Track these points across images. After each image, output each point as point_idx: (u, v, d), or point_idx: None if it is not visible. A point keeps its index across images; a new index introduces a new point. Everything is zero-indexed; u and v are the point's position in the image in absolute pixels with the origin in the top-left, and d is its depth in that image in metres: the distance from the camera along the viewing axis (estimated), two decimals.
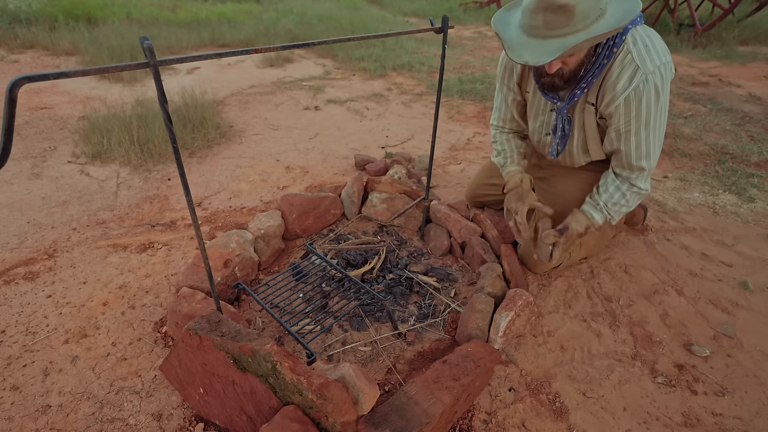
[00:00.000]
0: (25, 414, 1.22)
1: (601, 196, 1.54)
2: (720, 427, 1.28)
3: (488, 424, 1.25)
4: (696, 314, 1.68)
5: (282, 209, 1.89)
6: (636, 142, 1.41)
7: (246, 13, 7.59)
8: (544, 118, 1.63)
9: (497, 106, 1.76)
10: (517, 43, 1.21)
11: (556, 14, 1.13)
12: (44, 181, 2.38)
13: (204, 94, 3.39)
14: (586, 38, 1.13)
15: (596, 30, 1.14)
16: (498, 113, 1.77)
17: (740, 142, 3.25)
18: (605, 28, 1.14)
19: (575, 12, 1.12)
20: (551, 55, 1.14)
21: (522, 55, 1.19)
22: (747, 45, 6.73)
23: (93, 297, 1.63)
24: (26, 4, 5.90)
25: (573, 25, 1.14)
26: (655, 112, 1.34)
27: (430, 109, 3.78)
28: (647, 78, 1.29)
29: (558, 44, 1.15)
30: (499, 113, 1.76)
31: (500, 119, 1.77)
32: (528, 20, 1.18)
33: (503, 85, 1.68)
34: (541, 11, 1.14)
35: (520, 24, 1.23)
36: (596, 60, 1.33)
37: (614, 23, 1.14)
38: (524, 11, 1.19)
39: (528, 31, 1.20)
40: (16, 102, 0.71)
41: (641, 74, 1.29)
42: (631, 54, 1.30)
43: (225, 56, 0.98)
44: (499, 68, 1.67)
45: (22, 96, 3.57)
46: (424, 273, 1.77)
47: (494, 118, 1.80)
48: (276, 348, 1.07)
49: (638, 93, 1.31)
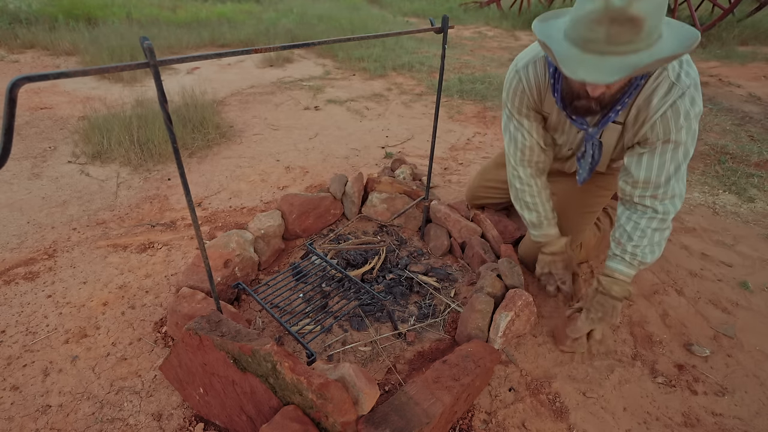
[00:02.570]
0: (25, 414, 1.22)
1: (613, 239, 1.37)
2: (720, 427, 1.28)
3: (488, 424, 1.25)
4: (696, 314, 1.68)
5: (282, 209, 1.88)
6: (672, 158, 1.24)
7: (246, 13, 7.59)
8: (567, 138, 1.49)
9: (519, 147, 1.50)
10: (569, 58, 1.05)
11: (622, 27, 0.97)
12: (44, 181, 2.38)
13: (204, 94, 3.39)
14: (653, 60, 0.99)
15: (659, 51, 1.01)
16: (521, 153, 1.51)
17: (740, 142, 3.25)
18: (668, 50, 1.00)
19: (643, 27, 0.97)
20: (615, 75, 0.99)
21: (577, 71, 1.02)
22: (747, 45, 6.73)
23: (93, 297, 1.63)
24: (26, 4, 5.90)
25: (636, 42, 0.99)
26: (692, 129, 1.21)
27: (430, 109, 3.78)
28: (684, 93, 1.17)
29: (619, 63, 1.00)
30: (523, 153, 1.50)
31: (528, 161, 1.52)
32: (584, 32, 1.02)
33: (519, 114, 1.45)
34: (606, 22, 0.98)
35: (570, 36, 1.06)
36: (634, 80, 1.19)
37: (678, 46, 1.00)
38: (579, 21, 1.03)
39: (581, 45, 1.04)
40: (16, 102, 0.71)
41: (678, 90, 1.17)
42: (666, 70, 1.18)
43: (225, 56, 0.98)
44: (509, 95, 1.44)
45: (22, 96, 3.57)
46: (424, 273, 1.77)
47: (509, 157, 1.55)
48: (276, 348, 1.07)
49: (675, 108, 1.18)
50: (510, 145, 1.53)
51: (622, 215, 1.35)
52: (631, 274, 1.34)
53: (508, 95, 1.44)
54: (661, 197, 1.27)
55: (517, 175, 1.56)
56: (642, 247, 1.30)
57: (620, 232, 1.34)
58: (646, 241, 1.30)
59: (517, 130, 1.49)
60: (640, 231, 1.30)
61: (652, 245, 1.30)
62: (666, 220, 1.29)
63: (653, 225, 1.29)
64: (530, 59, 1.35)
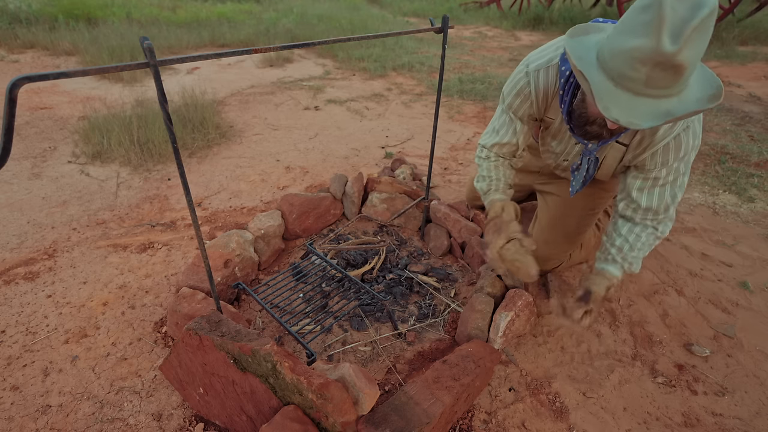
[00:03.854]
0: (25, 414, 1.22)
1: (613, 246, 1.38)
2: (720, 427, 1.28)
3: (488, 424, 1.25)
4: (696, 314, 1.68)
5: (282, 209, 1.88)
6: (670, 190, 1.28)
7: (246, 13, 7.60)
8: (564, 148, 1.49)
9: (496, 129, 1.50)
10: (603, 92, 0.99)
11: (665, 72, 0.91)
12: (44, 181, 2.38)
13: (204, 94, 3.39)
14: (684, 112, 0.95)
15: (687, 99, 0.96)
16: (495, 136, 1.50)
17: (740, 142, 3.25)
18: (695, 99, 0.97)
19: (684, 75, 0.92)
20: (649, 121, 0.95)
21: (611, 110, 0.96)
22: (747, 45, 6.73)
23: (93, 297, 1.63)
24: (26, 4, 5.90)
25: (671, 88, 0.95)
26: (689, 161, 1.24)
27: (430, 109, 3.78)
28: (689, 127, 1.17)
29: (653, 107, 0.96)
30: (498, 137, 1.50)
31: (497, 144, 1.51)
32: (623, 68, 0.95)
33: (514, 114, 1.44)
34: (650, 64, 0.91)
35: (604, 66, 1.00)
36: None
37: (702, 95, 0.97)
38: (620, 55, 0.96)
39: (615, 78, 0.97)
40: (16, 102, 0.71)
41: (684, 122, 1.17)
42: None
43: (225, 56, 0.98)
44: (511, 93, 1.40)
45: (22, 96, 3.57)
46: (424, 273, 1.77)
47: (488, 139, 1.52)
48: (276, 348, 1.07)
49: (678, 140, 1.19)
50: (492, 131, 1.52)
51: (623, 227, 1.38)
52: (620, 277, 1.40)
53: (510, 92, 1.41)
54: (661, 220, 1.34)
55: (482, 165, 1.56)
56: (638, 258, 1.36)
57: (621, 242, 1.36)
58: (641, 253, 1.36)
59: (505, 117, 1.48)
60: (641, 243, 1.35)
61: (642, 257, 1.37)
62: (660, 238, 1.36)
63: (651, 240, 1.35)
64: (543, 64, 1.30)
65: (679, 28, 0.88)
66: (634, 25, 0.94)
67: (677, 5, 0.89)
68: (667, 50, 0.89)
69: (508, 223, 1.41)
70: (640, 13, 0.94)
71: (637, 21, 0.94)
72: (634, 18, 0.95)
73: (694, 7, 0.89)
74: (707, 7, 0.88)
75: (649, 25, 0.91)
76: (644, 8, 0.93)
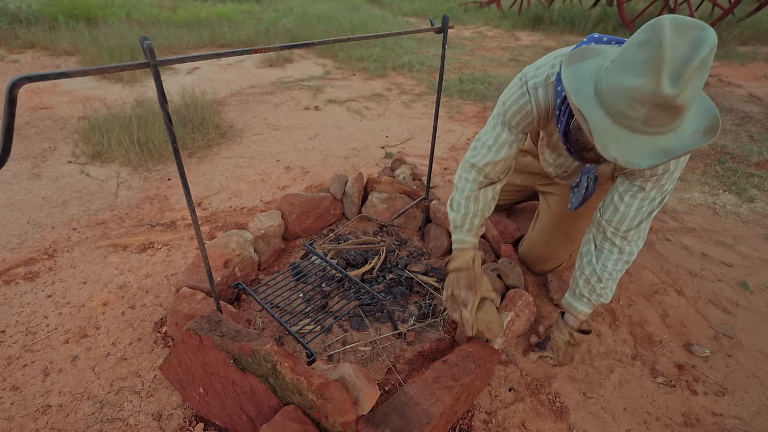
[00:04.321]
0: (25, 414, 1.22)
1: (582, 276, 1.33)
2: (720, 427, 1.28)
3: (488, 424, 1.25)
4: (696, 314, 1.68)
5: (282, 209, 1.89)
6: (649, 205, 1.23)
7: (246, 13, 7.60)
8: (563, 162, 1.47)
9: (489, 145, 1.36)
10: (601, 126, 0.95)
11: (664, 113, 0.89)
12: (44, 181, 2.38)
13: (204, 94, 3.39)
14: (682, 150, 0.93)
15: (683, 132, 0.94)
16: (489, 153, 1.36)
17: (740, 142, 3.25)
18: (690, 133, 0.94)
19: (682, 114, 0.91)
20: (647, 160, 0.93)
21: (609, 148, 0.93)
22: (747, 45, 6.74)
23: (93, 297, 1.63)
24: (26, 4, 5.90)
25: (669, 125, 0.93)
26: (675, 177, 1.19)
27: (430, 109, 3.78)
28: None
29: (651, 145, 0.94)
30: (492, 154, 1.36)
31: (491, 163, 1.37)
32: (621, 106, 0.92)
33: (515, 128, 1.33)
34: (648, 106, 0.89)
35: (603, 102, 0.96)
36: None
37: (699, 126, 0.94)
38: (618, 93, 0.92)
39: (613, 115, 0.94)
40: (16, 102, 0.71)
41: None
42: None
43: (225, 56, 0.98)
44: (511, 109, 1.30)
45: (22, 96, 3.57)
46: (424, 273, 1.77)
47: (481, 158, 1.38)
48: (276, 348, 1.07)
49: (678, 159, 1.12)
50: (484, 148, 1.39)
51: (593, 255, 1.33)
52: (589, 314, 1.37)
53: (509, 109, 1.31)
54: (630, 239, 1.27)
55: (464, 176, 1.44)
56: (608, 288, 1.31)
57: (590, 272, 1.32)
58: (612, 283, 1.31)
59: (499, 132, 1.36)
60: (608, 273, 1.30)
61: (614, 285, 1.32)
62: (629, 261, 1.30)
63: (619, 267, 1.30)
64: (541, 81, 1.24)
65: (680, 69, 0.85)
66: (633, 62, 0.90)
67: (677, 42, 0.86)
68: (667, 93, 0.86)
69: (480, 278, 1.36)
70: (639, 49, 0.90)
71: (636, 58, 0.90)
72: (633, 54, 0.91)
73: (694, 44, 0.85)
74: (708, 45, 0.85)
75: (648, 63, 0.88)
76: (643, 44, 0.90)
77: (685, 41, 0.85)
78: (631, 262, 1.30)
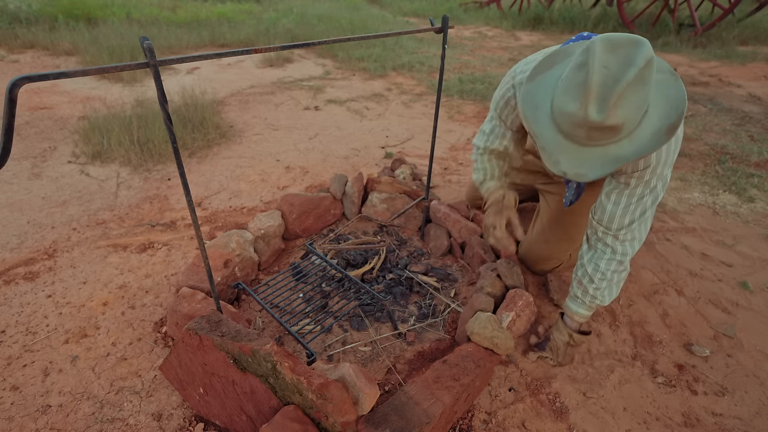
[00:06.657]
0: (25, 414, 1.22)
1: (575, 278, 1.35)
2: (720, 427, 1.28)
3: (488, 424, 1.25)
4: (696, 314, 1.68)
5: (282, 209, 1.88)
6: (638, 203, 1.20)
7: (246, 13, 7.60)
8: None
9: (487, 131, 1.53)
10: (552, 143, 0.99)
11: (602, 132, 0.93)
12: (44, 181, 2.38)
13: (204, 94, 3.39)
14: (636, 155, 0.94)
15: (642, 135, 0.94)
16: (485, 138, 1.53)
17: (740, 142, 3.25)
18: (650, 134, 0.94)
19: (624, 127, 0.93)
20: (596, 171, 0.96)
21: (559, 162, 0.98)
22: (747, 45, 6.74)
23: (93, 297, 1.63)
24: (26, 4, 5.90)
25: (617, 136, 0.95)
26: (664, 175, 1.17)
27: (430, 109, 3.78)
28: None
29: (601, 155, 0.96)
30: (488, 141, 1.52)
31: (488, 148, 1.54)
32: (566, 126, 0.97)
33: (503, 122, 1.45)
34: (584, 128, 0.93)
35: (555, 117, 1.00)
36: None
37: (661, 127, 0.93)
38: (562, 115, 0.96)
39: (563, 132, 0.99)
40: (16, 102, 0.71)
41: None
42: None
43: (225, 56, 0.98)
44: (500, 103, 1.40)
45: (22, 96, 3.57)
46: (424, 273, 1.77)
47: (480, 141, 1.56)
48: (276, 348, 1.07)
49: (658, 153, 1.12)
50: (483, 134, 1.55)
51: (585, 255, 1.33)
52: (588, 316, 1.37)
53: (499, 102, 1.40)
54: (622, 238, 1.24)
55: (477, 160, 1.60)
56: (602, 289, 1.29)
57: (582, 272, 1.32)
58: (605, 284, 1.28)
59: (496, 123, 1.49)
60: (600, 274, 1.27)
61: (611, 287, 1.29)
62: (623, 262, 1.27)
63: (612, 267, 1.26)
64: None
65: (606, 93, 0.86)
66: (571, 86, 0.93)
67: (610, 61, 0.87)
68: (593, 120, 0.88)
69: (508, 207, 1.47)
70: (576, 72, 0.92)
71: (573, 81, 0.93)
72: (572, 77, 0.93)
73: (627, 61, 0.86)
74: (638, 62, 0.85)
75: (580, 89, 0.90)
76: (579, 67, 0.92)
77: (618, 58, 0.87)
78: (626, 263, 1.28)
